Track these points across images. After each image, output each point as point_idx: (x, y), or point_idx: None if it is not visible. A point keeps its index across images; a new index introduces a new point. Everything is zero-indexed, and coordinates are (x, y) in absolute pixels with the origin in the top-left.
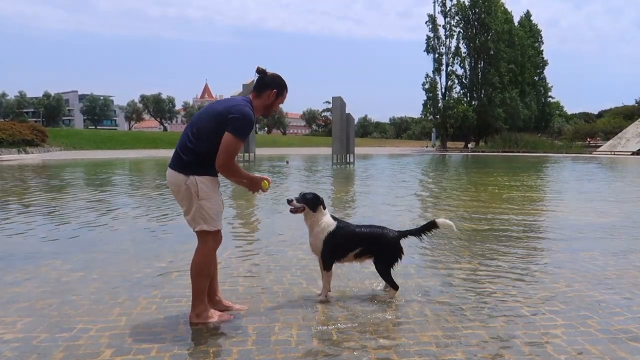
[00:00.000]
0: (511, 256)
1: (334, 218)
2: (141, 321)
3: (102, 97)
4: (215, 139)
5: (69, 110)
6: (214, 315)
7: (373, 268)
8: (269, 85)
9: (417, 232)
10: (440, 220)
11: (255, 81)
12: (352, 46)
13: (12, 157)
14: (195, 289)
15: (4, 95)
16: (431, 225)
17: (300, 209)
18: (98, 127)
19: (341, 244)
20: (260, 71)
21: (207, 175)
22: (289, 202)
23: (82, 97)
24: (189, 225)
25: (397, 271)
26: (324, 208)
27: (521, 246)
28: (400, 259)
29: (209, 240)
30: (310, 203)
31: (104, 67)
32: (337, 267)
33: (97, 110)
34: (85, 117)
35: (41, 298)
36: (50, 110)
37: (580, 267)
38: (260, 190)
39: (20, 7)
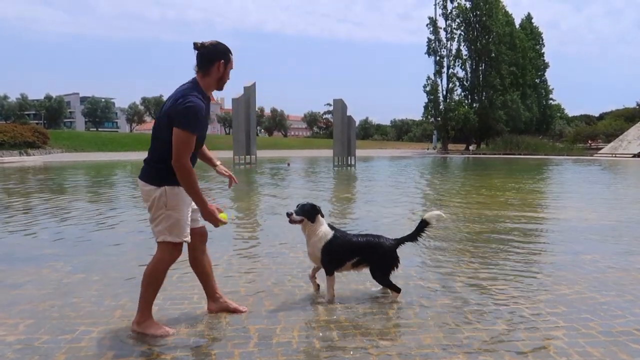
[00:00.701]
0: (512, 258)
1: (331, 227)
2: None
3: (103, 100)
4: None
5: (70, 112)
6: (156, 328)
7: None
8: (214, 57)
9: (412, 237)
10: (427, 216)
11: (196, 59)
12: (353, 48)
13: (14, 159)
14: (143, 299)
15: (5, 97)
16: (423, 225)
17: (299, 222)
18: (99, 129)
19: (338, 253)
20: (199, 46)
21: (179, 185)
22: (289, 215)
23: (83, 100)
24: (152, 234)
25: (399, 274)
26: (322, 216)
27: (522, 248)
28: (397, 268)
29: (166, 251)
30: (308, 214)
31: (106, 69)
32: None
33: (99, 112)
34: (86, 120)
35: (43, 300)
36: (52, 113)
37: (582, 269)
38: (218, 223)
39: (20, 9)
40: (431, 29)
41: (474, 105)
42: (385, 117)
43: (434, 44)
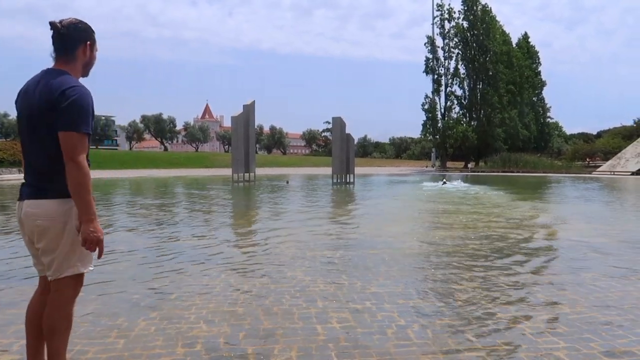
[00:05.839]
0: (512, 277)
1: None
2: (139, 343)
3: (103, 117)
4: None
5: None
6: None
7: (373, 288)
8: (79, 39)
9: None
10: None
11: (54, 42)
12: (350, 67)
13: (13, 177)
14: (58, 351)
15: (5, 115)
16: None
17: None
18: (99, 147)
19: None
20: (58, 27)
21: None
22: None
23: None
24: (47, 270)
25: (397, 292)
26: None
27: (522, 267)
28: None
29: (72, 286)
30: None
31: (106, 87)
32: (337, 287)
33: (99, 130)
34: None
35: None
36: None
37: (583, 288)
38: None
39: (21, 29)
40: (429, 47)
41: (472, 123)
42: (384, 135)
43: (432, 63)
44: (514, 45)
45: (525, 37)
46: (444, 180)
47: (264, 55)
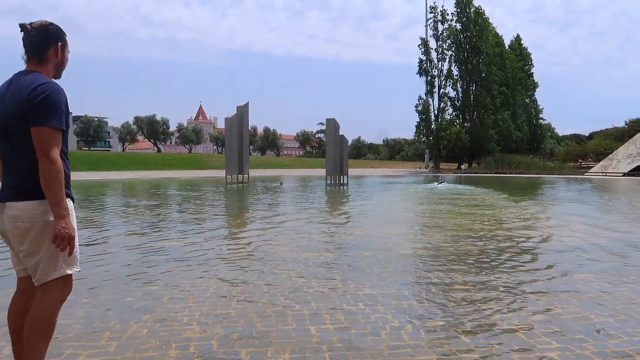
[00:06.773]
0: (505, 278)
1: None
2: (131, 346)
3: (96, 119)
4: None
5: None
6: None
7: (367, 290)
8: (51, 40)
9: None
10: None
11: (25, 44)
12: (344, 68)
13: None
14: (36, 355)
15: None
16: None
17: None
18: (92, 149)
19: None
20: (29, 29)
21: (68, 196)
22: None
23: (76, 119)
24: (33, 275)
25: (391, 293)
26: None
27: (515, 268)
28: None
29: (58, 288)
30: None
31: (99, 88)
32: (331, 289)
33: (91, 131)
34: (79, 139)
35: None
36: None
37: (575, 289)
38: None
39: (12, 30)
40: (422, 49)
41: (466, 124)
42: (379, 136)
43: (425, 64)
44: (507, 47)
45: (518, 39)
46: (441, 180)
47: (257, 57)
